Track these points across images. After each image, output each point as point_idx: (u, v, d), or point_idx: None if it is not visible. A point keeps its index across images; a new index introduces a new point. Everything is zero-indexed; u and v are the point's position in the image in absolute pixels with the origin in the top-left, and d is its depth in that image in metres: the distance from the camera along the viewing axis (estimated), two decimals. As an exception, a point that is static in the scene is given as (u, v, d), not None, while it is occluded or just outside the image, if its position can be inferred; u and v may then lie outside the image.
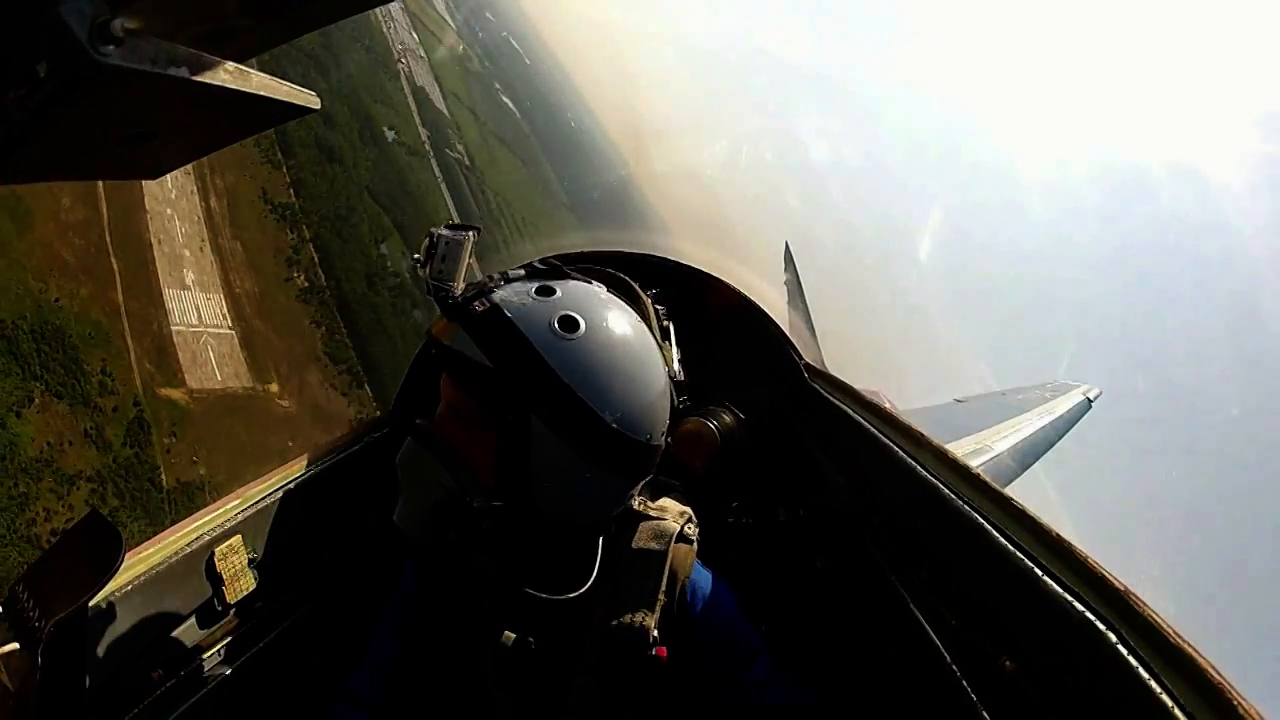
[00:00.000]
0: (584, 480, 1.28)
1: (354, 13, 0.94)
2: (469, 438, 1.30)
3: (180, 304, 29.64)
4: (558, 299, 1.29)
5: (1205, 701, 0.79)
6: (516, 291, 1.31)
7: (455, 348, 1.27)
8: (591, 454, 1.26)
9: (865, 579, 1.78)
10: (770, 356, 2.42)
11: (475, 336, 1.25)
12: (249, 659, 1.68)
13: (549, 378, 1.22)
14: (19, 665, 1.19)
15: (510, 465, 1.26)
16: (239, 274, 31.51)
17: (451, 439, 1.31)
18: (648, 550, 1.42)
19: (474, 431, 1.29)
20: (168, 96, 0.73)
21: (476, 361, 1.24)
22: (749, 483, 2.34)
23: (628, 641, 1.35)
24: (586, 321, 1.27)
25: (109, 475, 24.98)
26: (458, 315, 1.29)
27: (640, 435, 1.29)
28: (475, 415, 1.29)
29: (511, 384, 1.23)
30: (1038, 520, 1.16)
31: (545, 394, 1.23)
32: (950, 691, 1.24)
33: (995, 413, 8.35)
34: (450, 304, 1.32)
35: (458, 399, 1.31)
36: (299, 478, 1.92)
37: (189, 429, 27.72)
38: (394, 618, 1.60)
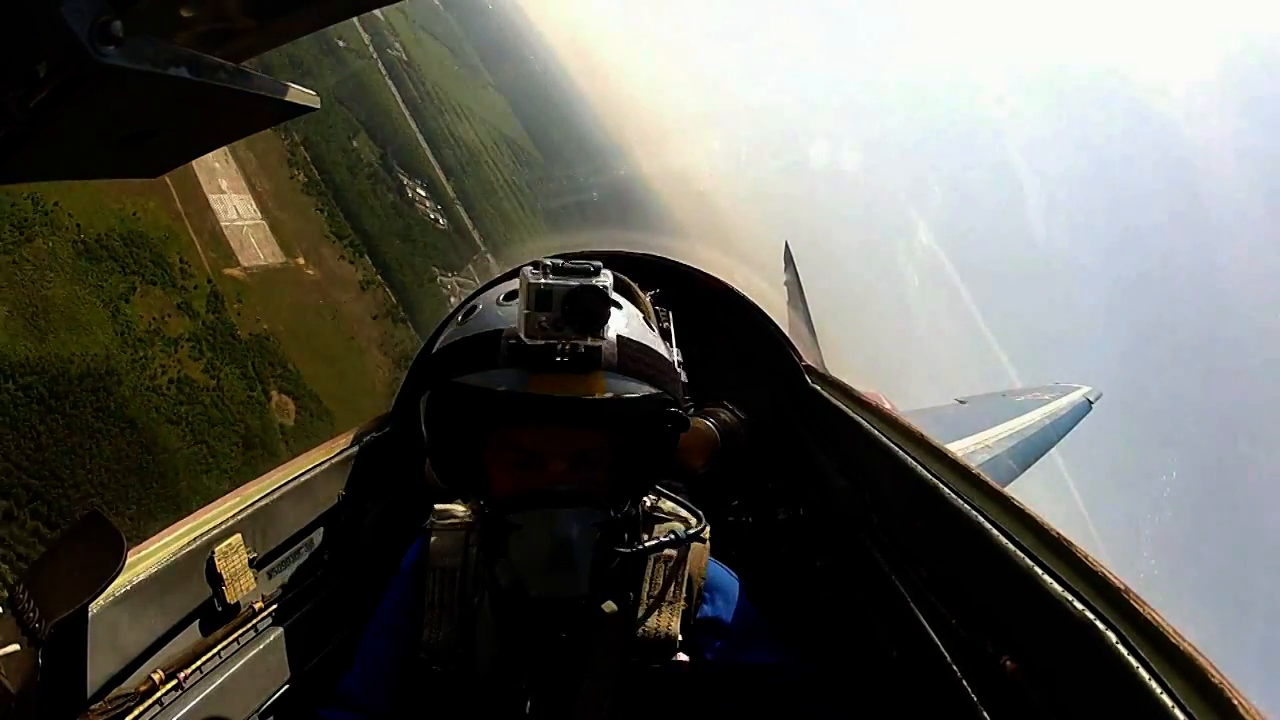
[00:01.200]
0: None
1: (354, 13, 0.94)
2: (597, 470, 1.32)
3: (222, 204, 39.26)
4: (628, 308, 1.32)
5: (1205, 701, 0.79)
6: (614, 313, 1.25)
7: (618, 394, 1.21)
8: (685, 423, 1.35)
9: (865, 579, 1.77)
10: (770, 356, 2.42)
11: (631, 372, 1.23)
12: (249, 659, 1.68)
13: (674, 372, 1.34)
14: (19, 665, 1.19)
15: (650, 464, 1.34)
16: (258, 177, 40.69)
17: (584, 485, 1.30)
18: (664, 555, 1.43)
19: (600, 462, 1.32)
20: (168, 96, 0.73)
21: (649, 396, 1.24)
22: (749, 482, 2.34)
23: (654, 650, 1.36)
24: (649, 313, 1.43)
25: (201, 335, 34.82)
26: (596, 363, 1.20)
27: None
28: (606, 446, 1.31)
29: (677, 393, 1.30)
30: (1038, 520, 1.16)
31: (680, 386, 1.35)
32: (950, 691, 1.24)
33: (995, 413, 8.35)
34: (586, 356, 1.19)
35: (590, 442, 1.29)
36: (299, 477, 1.92)
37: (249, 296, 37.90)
38: (387, 621, 1.59)
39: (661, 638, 1.36)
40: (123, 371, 30.82)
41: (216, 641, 1.62)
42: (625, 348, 1.23)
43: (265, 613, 1.77)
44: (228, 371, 34.89)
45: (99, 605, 1.33)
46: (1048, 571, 1.05)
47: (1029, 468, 7.75)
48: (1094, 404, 10.33)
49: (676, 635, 1.37)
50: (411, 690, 1.53)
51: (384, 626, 1.59)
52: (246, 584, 1.69)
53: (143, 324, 33.11)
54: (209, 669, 1.59)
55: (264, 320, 37.77)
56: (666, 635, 1.36)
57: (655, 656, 1.36)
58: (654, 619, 1.38)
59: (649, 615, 1.38)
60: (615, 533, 1.31)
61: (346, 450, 2.13)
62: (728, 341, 2.44)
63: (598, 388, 1.19)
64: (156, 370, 32.56)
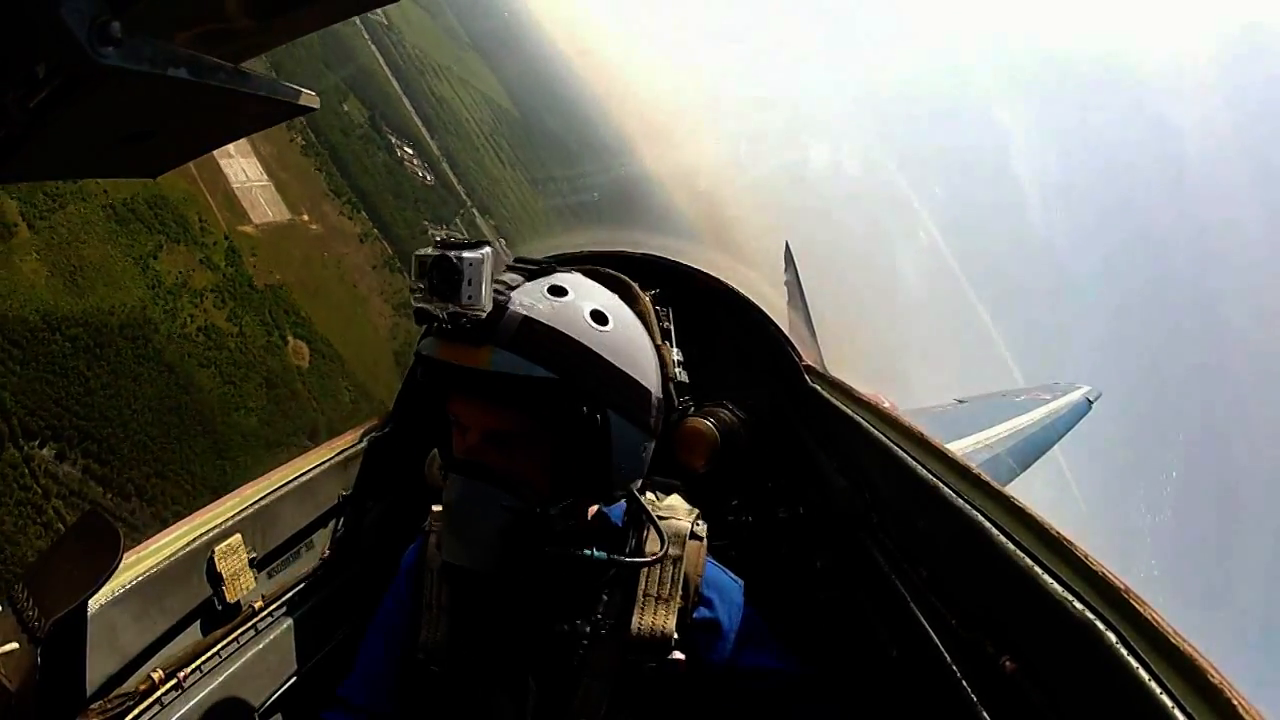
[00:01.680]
0: (644, 451, 1.36)
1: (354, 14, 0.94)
2: (520, 455, 1.29)
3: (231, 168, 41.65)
4: (574, 296, 1.28)
5: (1205, 701, 0.79)
6: (533, 297, 1.26)
7: (506, 371, 1.20)
8: (649, 427, 1.34)
9: (865, 579, 1.77)
10: (770, 356, 2.42)
11: (525, 352, 1.20)
12: (249, 659, 1.68)
13: (610, 370, 1.26)
14: (19, 665, 1.19)
15: (585, 463, 1.29)
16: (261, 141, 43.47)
17: (497, 463, 1.29)
18: (661, 552, 1.42)
19: (525, 448, 1.29)
20: (167, 96, 0.73)
21: (538, 378, 1.20)
22: (749, 482, 2.34)
23: (648, 648, 1.36)
24: (608, 311, 1.30)
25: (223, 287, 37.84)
26: (489, 337, 1.21)
27: (660, 395, 1.38)
28: (527, 430, 1.27)
29: (583, 386, 1.23)
30: (1038, 519, 1.16)
31: (613, 385, 1.26)
32: (950, 691, 1.24)
33: (995, 413, 8.36)
34: (476, 328, 1.20)
35: (500, 420, 1.27)
36: (299, 477, 1.92)
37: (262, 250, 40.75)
38: (386, 621, 1.60)
39: (657, 637, 1.36)
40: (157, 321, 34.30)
41: (216, 641, 1.63)
42: (528, 328, 1.21)
43: (265, 613, 1.77)
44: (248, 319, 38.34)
45: (99, 605, 1.34)
46: (1048, 571, 1.05)
47: (1029, 467, 7.76)
48: (1094, 404, 10.34)
49: (672, 634, 1.36)
50: (411, 691, 1.53)
51: (383, 628, 1.60)
52: (246, 584, 1.69)
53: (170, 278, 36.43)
54: (209, 669, 1.59)
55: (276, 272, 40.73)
56: (662, 634, 1.36)
57: (651, 655, 1.36)
58: (649, 618, 1.37)
59: (644, 614, 1.37)
60: (534, 526, 1.27)
61: (346, 450, 2.13)
62: (728, 341, 2.44)
63: (482, 360, 1.20)
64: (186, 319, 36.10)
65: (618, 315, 1.32)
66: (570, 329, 1.23)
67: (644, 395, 1.32)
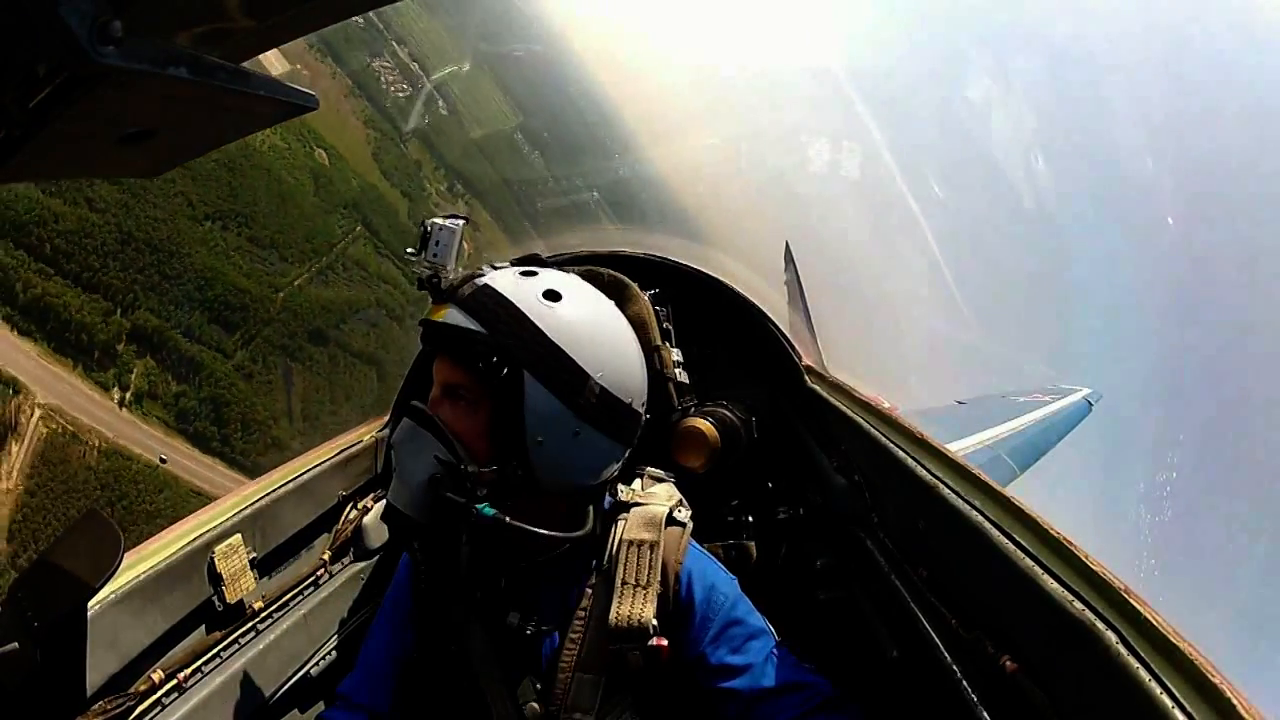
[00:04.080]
0: (574, 437, 1.35)
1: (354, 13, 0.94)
2: (464, 411, 1.36)
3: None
4: (539, 278, 1.40)
5: (1205, 701, 0.79)
6: (503, 274, 1.42)
7: (447, 323, 1.34)
8: (580, 409, 1.34)
9: (865, 579, 1.77)
10: (770, 356, 2.42)
11: (466, 309, 1.34)
12: (249, 660, 1.68)
13: (539, 337, 1.32)
14: (18, 665, 1.18)
15: (505, 426, 1.33)
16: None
17: (444, 416, 1.36)
18: (639, 539, 1.42)
19: (468, 405, 1.36)
20: (167, 96, 0.73)
21: (469, 330, 1.32)
22: (749, 482, 2.34)
23: (629, 636, 1.35)
24: (566, 294, 1.38)
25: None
26: (450, 297, 1.37)
27: (623, 397, 1.39)
28: (470, 387, 1.35)
29: (505, 343, 1.31)
30: (1038, 520, 1.16)
31: (537, 351, 1.31)
32: (950, 691, 1.24)
33: (996, 414, 8.37)
34: (444, 288, 1.40)
35: (451, 375, 1.37)
36: (299, 477, 1.93)
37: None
38: (387, 620, 1.60)
39: (635, 624, 1.35)
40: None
41: (216, 641, 1.63)
42: (480, 291, 1.36)
43: (265, 613, 1.77)
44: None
45: (99, 605, 1.34)
46: (1048, 571, 1.05)
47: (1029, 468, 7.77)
48: (1094, 406, 10.36)
49: (650, 621, 1.35)
50: (411, 689, 1.54)
51: (385, 625, 1.60)
52: (246, 584, 1.69)
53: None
54: (209, 669, 1.59)
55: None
56: (640, 621, 1.35)
57: (632, 643, 1.35)
58: (627, 606, 1.37)
59: (622, 602, 1.37)
60: (459, 482, 1.32)
61: (346, 450, 2.13)
62: (728, 341, 2.44)
63: (441, 315, 1.36)
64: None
65: (578, 302, 1.39)
66: (515, 297, 1.35)
67: (575, 374, 1.33)
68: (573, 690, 1.37)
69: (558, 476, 1.37)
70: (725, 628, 1.40)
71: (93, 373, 25.46)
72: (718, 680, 1.38)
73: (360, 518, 2.15)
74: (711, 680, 1.38)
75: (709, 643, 1.39)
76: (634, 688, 1.39)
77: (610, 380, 1.37)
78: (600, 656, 1.38)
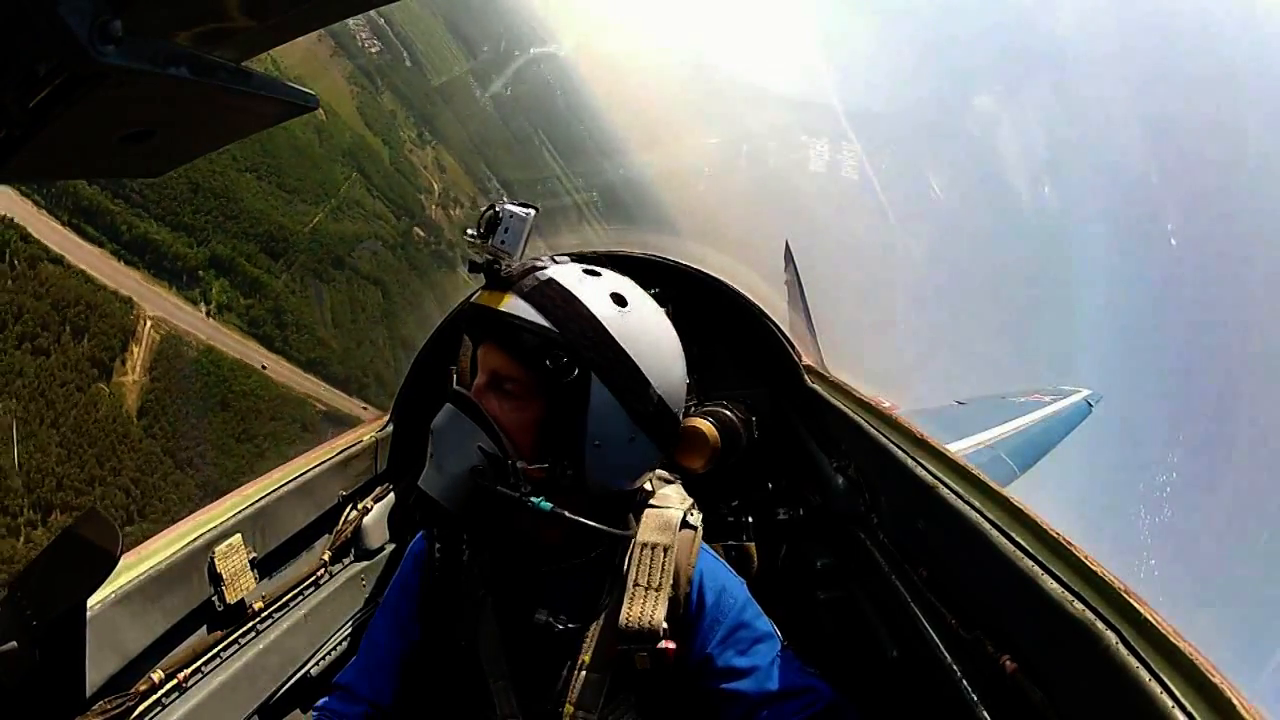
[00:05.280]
0: (629, 443, 1.35)
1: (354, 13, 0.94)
2: (513, 405, 1.34)
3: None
4: (604, 279, 1.38)
5: (1205, 701, 0.79)
6: (567, 270, 1.38)
7: (514, 313, 1.30)
8: (640, 417, 1.34)
9: (865, 579, 1.77)
10: (770, 356, 2.42)
11: (536, 303, 1.30)
12: (249, 659, 1.68)
13: (609, 340, 1.31)
14: (18, 664, 1.18)
15: (561, 426, 1.31)
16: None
17: (490, 408, 1.34)
18: (653, 542, 1.42)
19: (519, 399, 1.33)
20: (168, 96, 0.73)
21: (537, 326, 1.29)
22: (749, 482, 2.34)
23: (639, 638, 1.35)
24: (632, 300, 1.37)
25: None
26: (514, 286, 1.33)
27: (674, 407, 1.40)
28: (524, 381, 1.33)
29: (577, 345, 1.29)
30: (1038, 520, 1.16)
31: (606, 355, 1.30)
32: (950, 691, 1.24)
33: (996, 414, 8.38)
34: (506, 275, 1.35)
35: (505, 367, 1.34)
36: (299, 477, 1.93)
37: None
38: (391, 614, 1.60)
39: (646, 626, 1.35)
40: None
41: (216, 641, 1.63)
42: (547, 285, 1.33)
43: (265, 613, 1.77)
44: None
45: (99, 605, 1.34)
46: (1048, 571, 1.05)
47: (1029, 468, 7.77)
48: (1094, 406, 10.37)
49: (661, 624, 1.35)
50: (414, 681, 1.54)
51: (387, 620, 1.60)
52: (246, 584, 1.69)
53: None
54: (209, 669, 1.59)
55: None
56: (651, 624, 1.35)
57: (641, 645, 1.36)
58: (638, 607, 1.37)
59: (634, 603, 1.37)
60: (503, 476, 1.30)
61: (346, 450, 2.13)
62: (728, 341, 2.44)
63: (500, 303, 1.32)
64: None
65: (642, 308, 1.38)
66: (585, 296, 1.32)
67: (639, 381, 1.34)
68: (577, 688, 1.37)
69: (606, 479, 1.38)
70: (733, 631, 1.41)
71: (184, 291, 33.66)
72: (723, 682, 1.38)
73: (360, 518, 2.15)
74: (717, 682, 1.38)
75: (716, 645, 1.40)
76: (637, 688, 1.39)
77: (667, 389, 1.38)
78: (608, 656, 1.38)
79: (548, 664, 1.41)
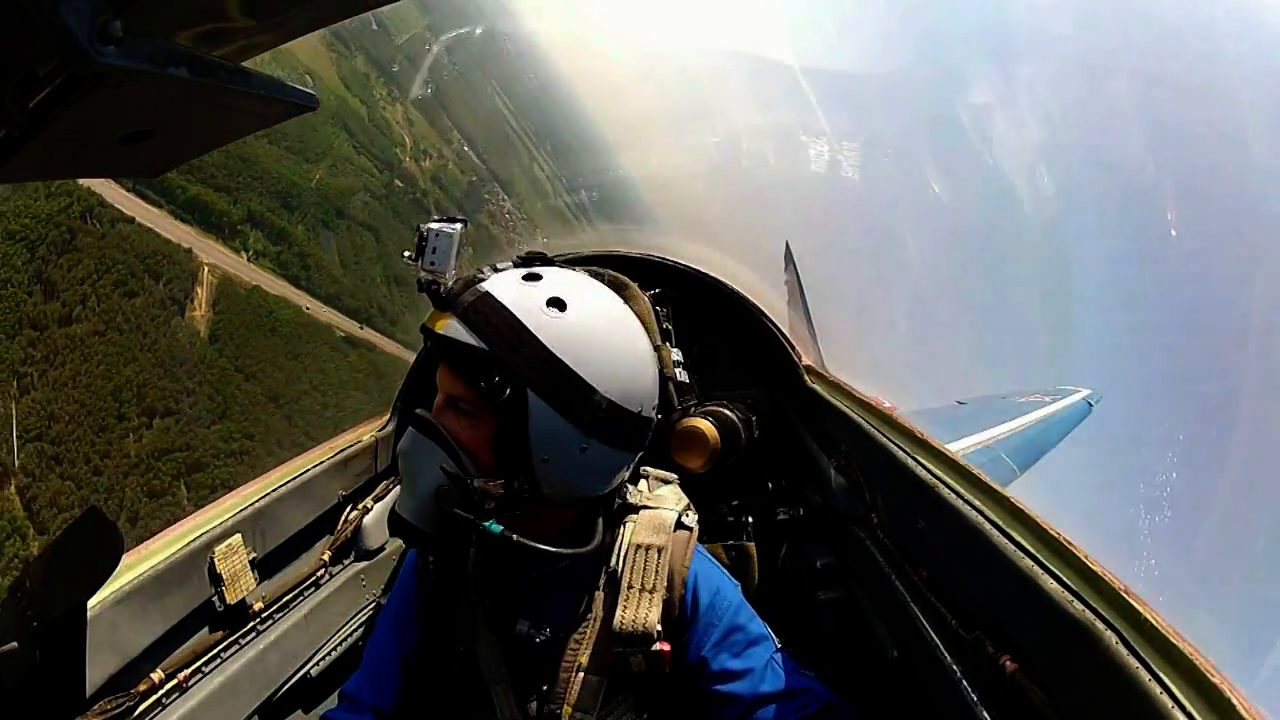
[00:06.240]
0: (581, 453, 1.31)
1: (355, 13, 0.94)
2: (467, 424, 1.32)
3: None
4: (544, 283, 1.33)
5: (1205, 701, 0.79)
6: (504, 279, 1.35)
7: (448, 336, 1.29)
8: (587, 425, 1.30)
9: (865, 579, 1.77)
10: (770, 356, 2.42)
11: (467, 322, 1.28)
12: (249, 660, 1.68)
13: (541, 352, 1.26)
14: (18, 665, 1.18)
15: (510, 443, 1.29)
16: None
17: (449, 426, 1.33)
18: (647, 544, 1.42)
19: (472, 418, 1.32)
20: (168, 96, 0.73)
21: (470, 345, 1.27)
22: (749, 482, 2.34)
23: (633, 640, 1.35)
24: (572, 301, 1.31)
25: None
26: (449, 305, 1.32)
27: (632, 406, 1.34)
28: (472, 400, 1.31)
29: (505, 361, 1.26)
30: (1038, 520, 1.16)
31: (539, 368, 1.26)
32: (950, 691, 1.24)
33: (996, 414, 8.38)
34: (442, 295, 1.34)
35: (454, 387, 1.33)
36: (299, 477, 1.93)
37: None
38: (393, 619, 1.60)
39: (640, 628, 1.35)
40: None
41: (216, 642, 1.63)
42: (481, 300, 1.30)
43: (265, 613, 1.77)
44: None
45: (99, 605, 1.34)
46: (1048, 571, 1.05)
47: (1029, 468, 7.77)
48: (1094, 406, 10.37)
49: (655, 625, 1.35)
50: (417, 689, 1.54)
51: (390, 626, 1.60)
52: (246, 584, 1.69)
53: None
54: (209, 669, 1.59)
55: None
56: (645, 626, 1.35)
57: (636, 647, 1.36)
58: (632, 610, 1.37)
59: (628, 606, 1.37)
60: (466, 495, 1.28)
61: (346, 450, 2.13)
62: (728, 341, 2.44)
63: (441, 325, 1.30)
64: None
65: (584, 308, 1.32)
66: (517, 308, 1.28)
67: (580, 388, 1.27)
68: (575, 691, 1.37)
69: (565, 490, 1.34)
70: (727, 633, 1.41)
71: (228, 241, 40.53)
72: (718, 684, 1.38)
73: (360, 518, 2.15)
74: (712, 684, 1.39)
75: (711, 647, 1.39)
76: (634, 689, 1.40)
77: (619, 390, 1.31)
78: (604, 658, 1.38)
79: (543, 668, 1.41)
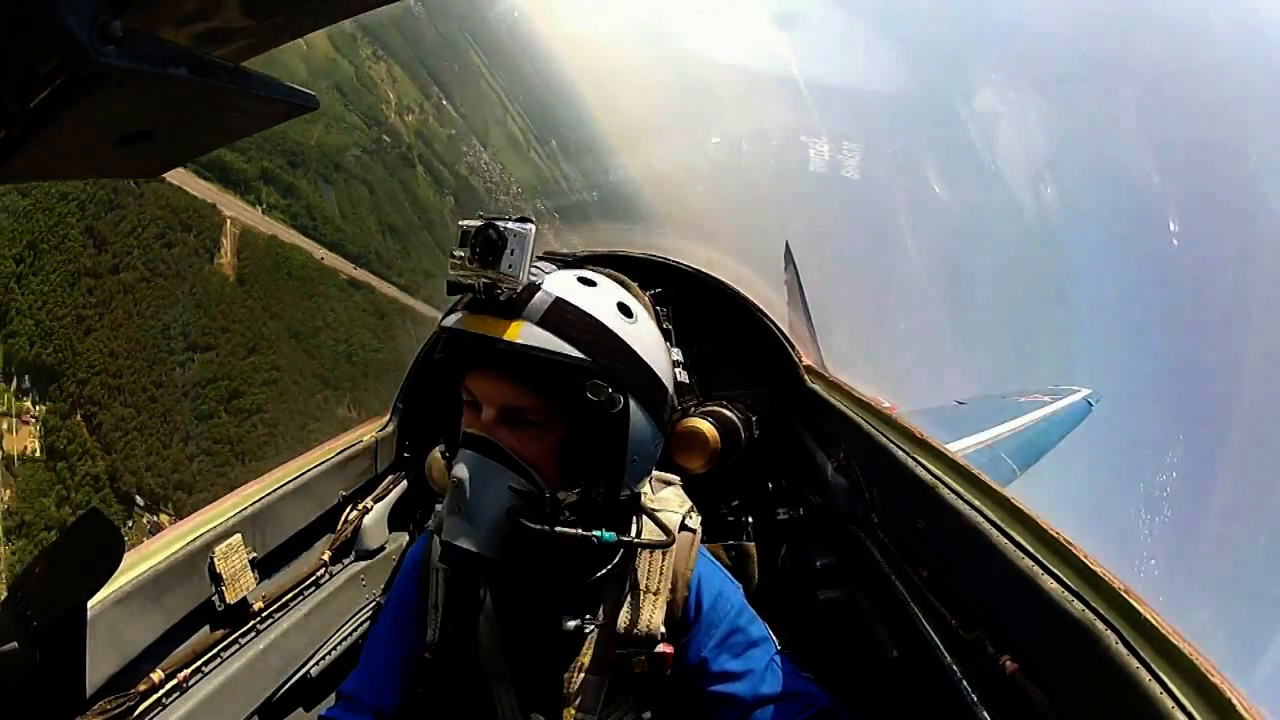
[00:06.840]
0: (656, 449, 1.36)
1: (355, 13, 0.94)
2: (528, 436, 1.27)
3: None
4: (605, 289, 1.32)
5: (1205, 702, 0.79)
6: (562, 283, 1.27)
7: (536, 345, 1.19)
8: (663, 423, 1.35)
9: (865, 579, 1.77)
10: (770, 356, 2.42)
11: (556, 330, 1.20)
12: (249, 659, 1.68)
13: (637, 359, 1.27)
14: (18, 665, 1.18)
15: (599, 448, 1.27)
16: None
17: (508, 442, 1.26)
18: (652, 545, 1.42)
19: (538, 427, 1.27)
20: (168, 96, 0.73)
21: (569, 357, 1.20)
22: (749, 482, 2.34)
23: (637, 641, 1.36)
24: (633, 306, 1.33)
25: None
26: (523, 312, 1.21)
27: (673, 393, 1.41)
28: (542, 410, 1.25)
29: (613, 371, 1.23)
30: (1038, 520, 1.16)
31: (638, 374, 1.27)
32: (950, 691, 1.24)
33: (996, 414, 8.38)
34: (509, 302, 1.21)
35: (519, 397, 1.25)
36: (299, 477, 1.93)
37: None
38: (393, 620, 1.60)
39: (644, 629, 1.36)
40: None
41: (216, 641, 1.63)
42: (559, 306, 1.22)
43: (265, 613, 1.77)
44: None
45: (99, 605, 1.34)
46: (1048, 571, 1.05)
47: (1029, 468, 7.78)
48: (1094, 406, 10.37)
49: (659, 627, 1.36)
50: (417, 690, 1.54)
51: (389, 626, 1.60)
52: (246, 584, 1.69)
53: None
54: (209, 669, 1.59)
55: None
56: (649, 627, 1.36)
57: (639, 648, 1.36)
58: (637, 611, 1.37)
59: (633, 607, 1.38)
60: (543, 511, 1.24)
61: (346, 450, 2.13)
62: (728, 341, 2.44)
63: (512, 333, 1.20)
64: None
65: (642, 314, 1.36)
66: (603, 315, 1.26)
67: (662, 390, 1.34)
68: (578, 691, 1.38)
69: (632, 490, 1.37)
70: (728, 635, 1.41)
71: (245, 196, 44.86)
72: (718, 685, 1.39)
73: (360, 518, 2.15)
74: (712, 685, 1.39)
75: (712, 649, 1.40)
76: (636, 690, 1.40)
77: (672, 389, 1.39)
78: (606, 659, 1.38)
79: (548, 668, 1.41)
